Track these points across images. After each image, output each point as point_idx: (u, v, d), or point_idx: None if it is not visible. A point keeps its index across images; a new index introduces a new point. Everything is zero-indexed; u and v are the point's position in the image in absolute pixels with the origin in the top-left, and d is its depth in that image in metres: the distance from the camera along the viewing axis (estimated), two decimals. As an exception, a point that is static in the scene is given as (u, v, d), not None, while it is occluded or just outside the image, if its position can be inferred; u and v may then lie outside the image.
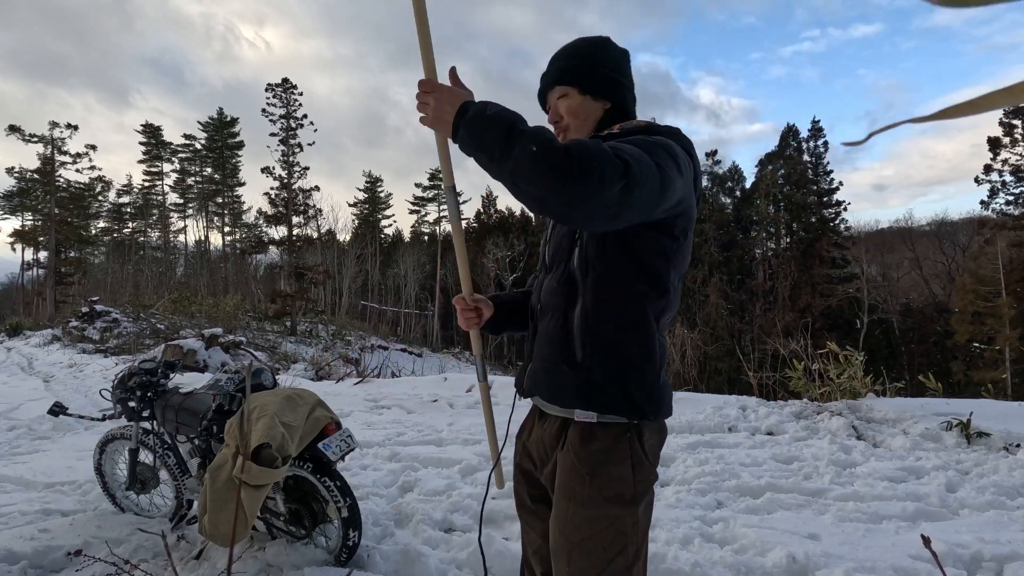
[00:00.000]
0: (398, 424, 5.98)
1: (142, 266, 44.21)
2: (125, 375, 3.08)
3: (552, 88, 1.53)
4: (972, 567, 2.68)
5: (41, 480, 4.11)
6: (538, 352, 1.52)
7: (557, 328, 1.45)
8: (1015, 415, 5.05)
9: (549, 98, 1.56)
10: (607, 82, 1.51)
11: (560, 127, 1.52)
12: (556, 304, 1.46)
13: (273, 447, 2.34)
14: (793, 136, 36.72)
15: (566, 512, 1.42)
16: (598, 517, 1.39)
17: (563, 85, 1.51)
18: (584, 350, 1.41)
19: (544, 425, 1.54)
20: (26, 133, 32.38)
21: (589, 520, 1.39)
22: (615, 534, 1.39)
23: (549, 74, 1.54)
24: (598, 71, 1.51)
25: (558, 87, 1.52)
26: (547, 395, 1.49)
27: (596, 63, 1.51)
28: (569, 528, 1.41)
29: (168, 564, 2.59)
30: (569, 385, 1.42)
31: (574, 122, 1.51)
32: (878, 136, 0.42)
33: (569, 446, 1.43)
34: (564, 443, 1.46)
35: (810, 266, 34.00)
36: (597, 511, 1.39)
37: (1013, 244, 27.31)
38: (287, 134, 29.05)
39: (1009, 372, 24.52)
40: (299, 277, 26.96)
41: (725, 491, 3.69)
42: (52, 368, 12.05)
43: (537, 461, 1.59)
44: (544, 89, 1.56)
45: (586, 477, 1.39)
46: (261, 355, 14.84)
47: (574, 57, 1.52)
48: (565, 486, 1.43)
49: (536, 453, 1.59)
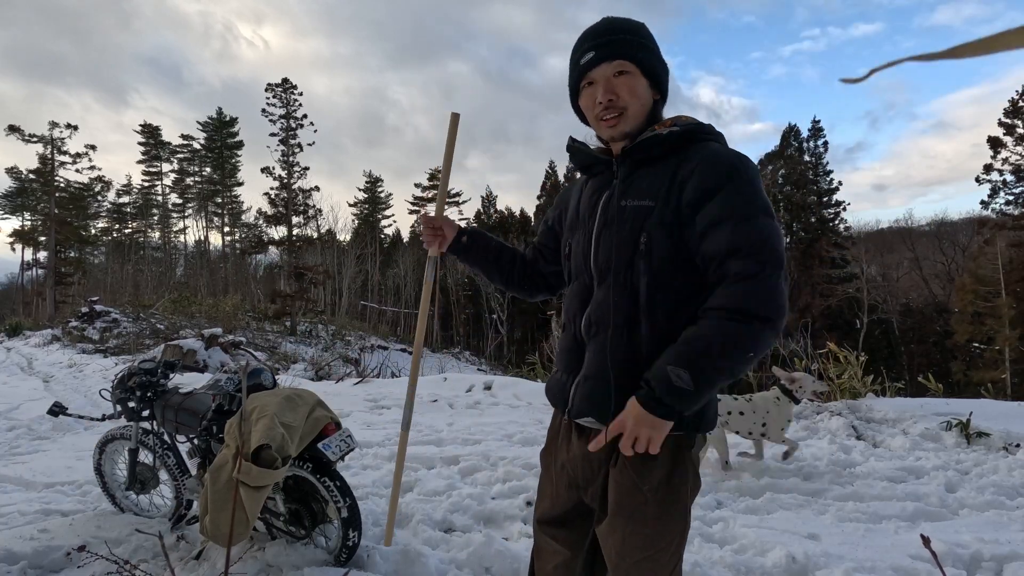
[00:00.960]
0: (398, 424, 5.96)
1: (142, 266, 44.16)
2: (125, 375, 3.08)
3: (609, 61, 1.35)
4: (972, 567, 2.68)
5: (41, 480, 4.11)
6: (596, 371, 1.40)
7: (623, 347, 1.36)
8: (1015, 415, 5.05)
9: (597, 73, 1.37)
10: (664, 74, 1.40)
11: (615, 106, 1.36)
12: (617, 321, 1.37)
13: (273, 448, 2.33)
14: (794, 136, 36.72)
15: (624, 531, 1.37)
16: (662, 533, 1.36)
17: (625, 60, 1.35)
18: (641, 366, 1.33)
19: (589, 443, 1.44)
20: (26, 133, 32.40)
21: (652, 538, 1.36)
22: (675, 548, 1.39)
23: (607, 46, 1.35)
24: (658, 56, 1.40)
25: (617, 61, 1.35)
26: (608, 416, 1.38)
27: (655, 48, 1.40)
28: (628, 548, 1.37)
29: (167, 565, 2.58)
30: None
31: (635, 105, 1.37)
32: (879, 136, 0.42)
33: (626, 463, 1.35)
34: (617, 460, 1.37)
35: (810, 266, 34.00)
36: (660, 528, 1.36)
37: (1013, 244, 27.31)
38: (287, 134, 29.04)
39: (1009, 372, 24.52)
40: (299, 277, 26.94)
41: (725, 491, 3.69)
42: (52, 368, 12.04)
43: (582, 480, 1.48)
44: (597, 61, 1.36)
45: (648, 495, 1.34)
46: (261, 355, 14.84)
47: (637, 34, 1.37)
48: (623, 505, 1.37)
49: (580, 472, 1.47)
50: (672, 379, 1.22)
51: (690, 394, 1.22)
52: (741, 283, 1.22)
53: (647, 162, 1.38)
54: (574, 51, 1.43)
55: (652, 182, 1.35)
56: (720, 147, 1.35)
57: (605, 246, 1.40)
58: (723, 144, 1.38)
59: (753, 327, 1.20)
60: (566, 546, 1.57)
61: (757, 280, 1.21)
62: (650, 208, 1.33)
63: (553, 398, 1.55)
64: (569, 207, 1.60)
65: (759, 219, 1.25)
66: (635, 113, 1.38)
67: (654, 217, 1.33)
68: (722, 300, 1.24)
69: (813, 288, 33.15)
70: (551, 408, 1.61)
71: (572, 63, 1.43)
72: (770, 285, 1.22)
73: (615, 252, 1.37)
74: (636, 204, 1.36)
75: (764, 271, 1.22)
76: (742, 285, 1.22)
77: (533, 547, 1.68)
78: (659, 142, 1.35)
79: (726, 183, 1.27)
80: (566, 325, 1.54)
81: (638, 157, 1.39)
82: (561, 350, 1.55)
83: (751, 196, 1.26)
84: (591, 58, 1.37)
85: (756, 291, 1.21)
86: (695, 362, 1.22)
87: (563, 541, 1.57)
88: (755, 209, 1.25)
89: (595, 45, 1.37)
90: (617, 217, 1.38)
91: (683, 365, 1.22)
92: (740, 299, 1.21)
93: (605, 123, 1.39)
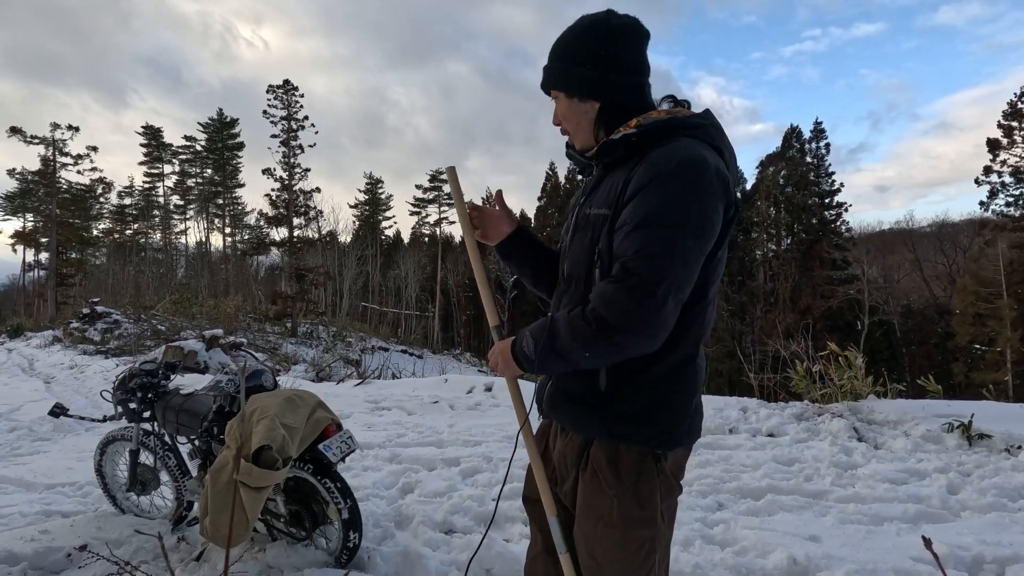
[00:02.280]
0: (399, 425, 5.98)
1: (143, 267, 44.21)
2: (126, 376, 3.08)
3: (547, 93, 1.46)
4: (974, 569, 2.68)
5: (42, 481, 4.11)
6: (562, 377, 1.43)
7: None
8: (1016, 417, 5.04)
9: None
10: (589, 84, 1.36)
11: (563, 131, 1.46)
12: None
13: (274, 449, 2.33)
14: (796, 137, 36.72)
15: (594, 532, 1.38)
16: (628, 539, 1.36)
17: (551, 90, 1.44)
18: (609, 379, 1.33)
19: (566, 439, 1.46)
20: (27, 135, 32.43)
21: (618, 542, 1.36)
22: (645, 553, 1.38)
23: (543, 78, 1.45)
24: (578, 71, 1.36)
25: (552, 92, 1.44)
26: (568, 421, 1.43)
27: (578, 60, 1.36)
28: (598, 549, 1.38)
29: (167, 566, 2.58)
30: (592, 415, 1.36)
31: (570, 127, 1.43)
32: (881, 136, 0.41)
33: (594, 466, 1.37)
34: (587, 462, 1.39)
35: (811, 268, 33.99)
36: (627, 532, 1.36)
37: (1014, 246, 27.28)
38: (288, 136, 29.08)
39: (1010, 374, 24.49)
40: (300, 278, 26.97)
41: (726, 493, 3.68)
42: (53, 369, 12.05)
43: (558, 476, 1.50)
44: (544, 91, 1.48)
45: (614, 499, 1.35)
46: (262, 356, 14.84)
47: (557, 57, 1.41)
48: (591, 507, 1.38)
49: (557, 466, 1.50)
50: (522, 341, 1.37)
51: (531, 361, 1.34)
52: (610, 286, 1.22)
53: (612, 166, 1.38)
54: None
55: (610, 190, 1.33)
56: (675, 146, 1.25)
57: (572, 254, 1.42)
58: (694, 139, 1.28)
59: (602, 331, 1.21)
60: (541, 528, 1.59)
61: (622, 289, 1.19)
62: (605, 217, 1.31)
63: (535, 395, 1.62)
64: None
65: (661, 230, 1.18)
66: (576, 132, 1.43)
67: (607, 226, 1.30)
68: (592, 297, 1.27)
69: (814, 289, 33.13)
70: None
71: None
72: (635, 297, 1.18)
73: (577, 261, 1.39)
74: (596, 212, 1.35)
75: (631, 281, 1.18)
76: (610, 289, 1.22)
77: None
78: (614, 148, 1.33)
79: (652, 183, 1.21)
80: None
81: (605, 161, 1.39)
82: None
83: (667, 202, 1.19)
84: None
85: (617, 300, 1.20)
86: (539, 339, 1.32)
87: (538, 521, 1.60)
88: (664, 218, 1.18)
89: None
90: (581, 225, 1.40)
91: (535, 337, 1.34)
92: (601, 302, 1.22)
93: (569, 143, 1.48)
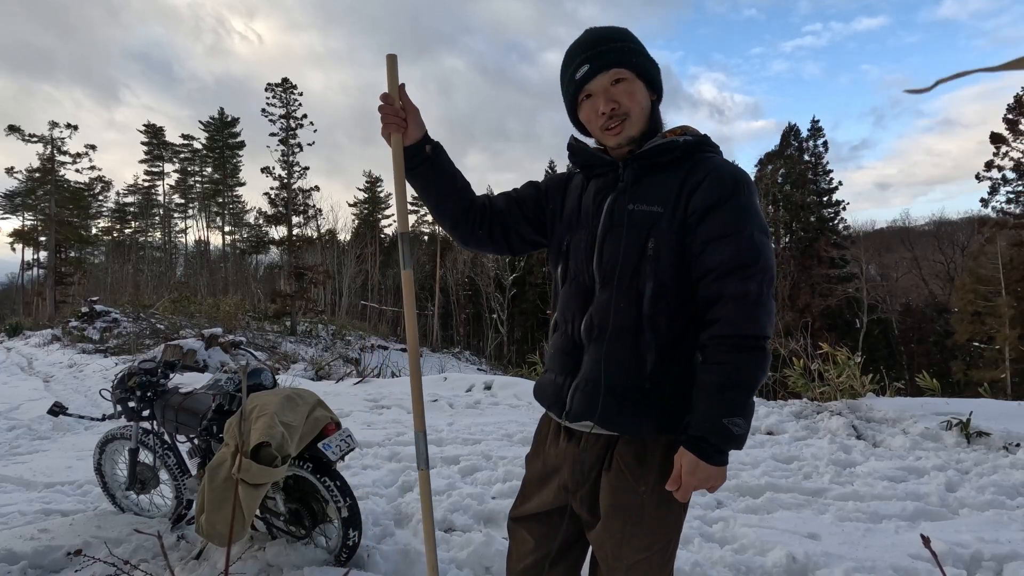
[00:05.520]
0: (398, 424, 5.98)
1: (142, 266, 44.20)
2: (125, 375, 3.08)
3: (604, 71, 1.36)
4: (972, 566, 2.68)
5: (41, 480, 4.11)
6: (596, 374, 1.39)
7: (625, 351, 1.36)
8: (1015, 414, 5.05)
9: (594, 85, 1.38)
10: (656, 75, 1.42)
11: (618, 114, 1.37)
12: (620, 325, 1.36)
13: (273, 446, 2.34)
14: (794, 135, 36.72)
15: (622, 533, 1.38)
16: (657, 534, 1.38)
17: (620, 68, 1.36)
18: (659, 375, 1.34)
19: (582, 445, 1.43)
20: (26, 133, 32.39)
21: (648, 538, 1.37)
22: (671, 548, 1.41)
23: (599, 57, 1.36)
24: (649, 57, 1.41)
25: (613, 70, 1.36)
26: (613, 423, 1.37)
27: (644, 50, 1.41)
28: (626, 550, 1.38)
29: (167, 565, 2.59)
30: (645, 413, 1.34)
31: (636, 110, 1.38)
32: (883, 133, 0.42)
33: (621, 466, 1.37)
34: (611, 462, 1.39)
35: (809, 266, 34.00)
36: (656, 527, 1.37)
37: (1013, 243, 27.30)
38: (287, 134, 29.03)
39: (1009, 371, 24.53)
40: (299, 277, 26.94)
41: (725, 491, 3.69)
42: (52, 368, 12.04)
43: (571, 484, 1.46)
44: (592, 73, 1.37)
45: (644, 496, 1.35)
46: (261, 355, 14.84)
47: (626, 40, 1.39)
48: (619, 507, 1.37)
49: (570, 476, 1.46)
50: (733, 430, 1.26)
51: (745, 435, 1.28)
52: (745, 306, 1.27)
53: (654, 168, 1.39)
54: (564, 66, 1.43)
55: (661, 188, 1.36)
56: (725, 161, 1.39)
57: (611, 249, 1.38)
58: (723, 158, 1.42)
59: (765, 349, 1.29)
60: (539, 541, 1.55)
61: (758, 302, 1.28)
62: (659, 214, 1.34)
63: (546, 400, 1.52)
64: (567, 202, 1.56)
65: (758, 237, 1.30)
66: (637, 117, 1.39)
67: (663, 223, 1.34)
68: (730, 327, 1.28)
69: (812, 288, 33.13)
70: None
71: (567, 79, 1.43)
72: (770, 306, 1.30)
73: (622, 256, 1.37)
74: (645, 209, 1.36)
75: (763, 292, 1.29)
76: (746, 308, 1.27)
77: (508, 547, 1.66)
78: (671, 149, 1.37)
79: (731, 197, 1.31)
80: (561, 325, 1.51)
81: (646, 162, 1.39)
82: (556, 351, 1.51)
83: (753, 214, 1.32)
84: (586, 71, 1.37)
85: (759, 314, 1.28)
86: (742, 406, 1.27)
87: (537, 536, 1.56)
88: (755, 227, 1.31)
89: (587, 57, 1.37)
90: (625, 221, 1.38)
91: (736, 413, 1.26)
92: (745, 324, 1.27)
93: (610, 132, 1.39)
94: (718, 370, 1.27)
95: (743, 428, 1.26)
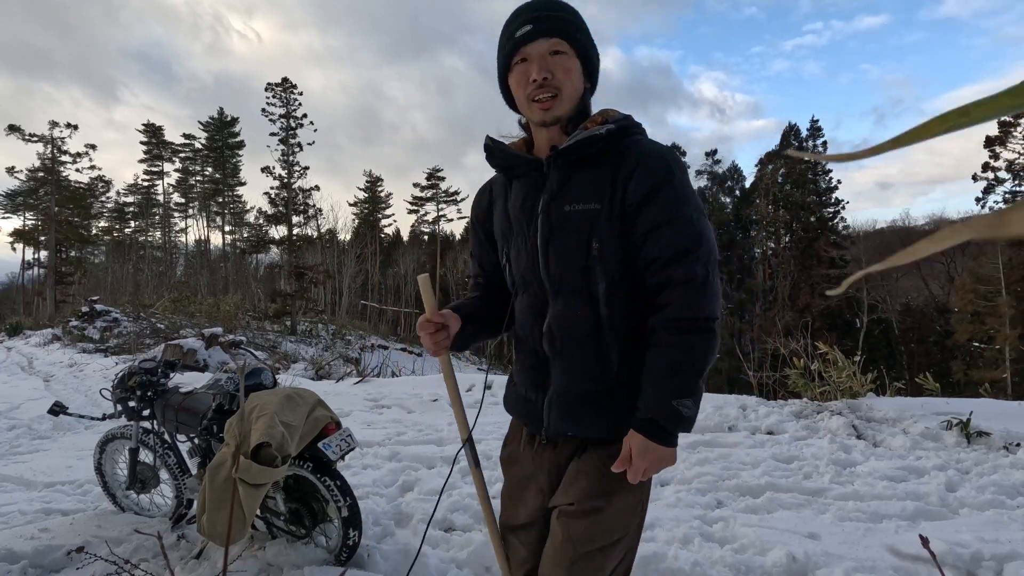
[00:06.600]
0: (398, 423, 5.98)
1: (142, 265, 44.21)
2: (125, 375, 3.08)
3: (546, 37, 1.29)
4: (972, 566, 2.68)
5: (41, 479, 4.11)
6: (568, 386, 1.38)
7: (592, 358, 1.35)
8: (1015, 414, 5.05)
9: (532, 49, 1.30)
10: (596, 61, 1.38)
11: (550, 86, 1.29)
12: (583, 334, 1.34)
13: (273, 446, 2.34)
14: (795, 135, 36.74)
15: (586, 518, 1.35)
16: (616, 526, 1.36)
17: (562, 39, 1.30)
18: (625, 373, 1.34)
19: (558, 448, 1.44)
20: (26, 133, 32.40)
21: (609, 527, 1.35)
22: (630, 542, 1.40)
23: (545, 20, 1.29)
24: (592, 42, 1.37)
25: (555, 39, 1.30)
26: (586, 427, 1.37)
27: (590, 34, 1.36)
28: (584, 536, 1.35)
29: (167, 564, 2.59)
30: (617, 417, 1.34)
31: (569, 89, 1.31)
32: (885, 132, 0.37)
33: (589, 465, 1.37)
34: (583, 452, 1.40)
35: (809, 266, 34.03)
36: (618, 517, 1.36)
37: (1013, 243, 27.30)
38: (287, 134, 29.03)
39: (1009, 371, 24.53)
40: (299, 277, 26.93)
41: (725, 490, 3.69)
42: (52, 368, 12.04)
43: (548, 488, 1.47)
44: (534, 35, 1.30)
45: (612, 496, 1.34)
46: (261, 355, 14.84)
47: (577, 18, 1.34)
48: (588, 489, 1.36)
49: (547, 480, 1.47)
50: (683, 412, 1.25)
51: (694, 416, 1.28)
52: (693, 290, 1.27)
53: (581, 162, 1.34)
54: (507, 24, 1.36)
55: (593, 183, 1.32)
56: (652, 143, 1.35)
57: (556, 255, 1.34)
58: (648, 138, 1.38)
59: (714, 331, 1.28)
60: (532, 551, 1.53)
61: (706, 284, 1.27)
62: (597, 211, 1.31)
63: (521, 416, 1.52)
64: (495, 213, 1.51)
65: (697, 219, 1.29)
66: (568, 96, 1.32)
67: (602, 220, 1.30)
68: (680, 311, 1.27)
69: (812, 288, 33.14)
70: None
71: (505, 36, 1.35)
72: (717, 287, 1.30)
73: (570, 261, 1.33)
74: (582, 208, 1.32)
75: (709, 273, 1.28)
76: (695, 292, 1.27)
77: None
78: (594, 141, 1.30)
79: (664, 184, 1.28)
80: (521, 339, 1.48)
81: (572, 158, 1.33)
82: (522, 367, 1.49)
83: (689, 196, 1.30)
84: (528, 31, 1.30)
85: (707, 295, 1.27)
86: (692, 388, 1.26)
87: (529, 547, 1.54)
88: (692, 210, 1.29)
89: (533, 18, 1.30)
90: (563, 223, 1.34)
91: (686, 395, 1.26)
92: (696, 307, 1.26)
93: (538, 104, 1.32)
94: (667, 352, 1.27)
95: (692, 410, 1.26)
